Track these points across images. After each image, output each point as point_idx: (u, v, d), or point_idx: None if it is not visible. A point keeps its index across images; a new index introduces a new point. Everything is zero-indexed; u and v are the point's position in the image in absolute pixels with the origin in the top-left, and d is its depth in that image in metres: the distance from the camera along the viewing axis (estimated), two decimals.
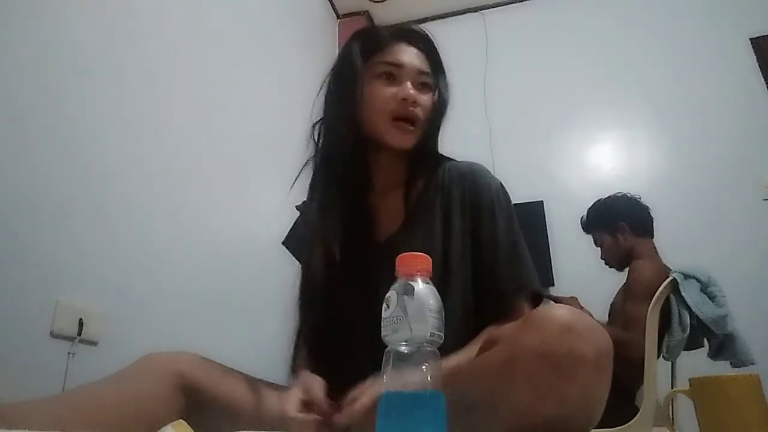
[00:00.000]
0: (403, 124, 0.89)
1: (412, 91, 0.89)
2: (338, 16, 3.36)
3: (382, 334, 0.54)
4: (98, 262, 1.31)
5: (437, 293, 0.55)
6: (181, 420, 0.56)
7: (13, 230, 1.11)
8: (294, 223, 1.06)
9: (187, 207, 1.69)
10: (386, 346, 0.53)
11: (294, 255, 1.03)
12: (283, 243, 1.05)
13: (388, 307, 0.54)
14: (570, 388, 0.55)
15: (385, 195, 0.96)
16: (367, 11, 3.34)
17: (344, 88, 0.92)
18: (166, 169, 1.61)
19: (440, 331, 0.53)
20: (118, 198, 1.41)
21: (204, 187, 1.79)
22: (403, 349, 0.52)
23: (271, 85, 2.38)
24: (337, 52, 3.47)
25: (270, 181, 2.24)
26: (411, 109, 0.89)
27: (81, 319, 1.21)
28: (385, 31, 0.97)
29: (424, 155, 0.96)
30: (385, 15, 3.38)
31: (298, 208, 1.05)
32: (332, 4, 3.28)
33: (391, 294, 0.55)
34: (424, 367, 0.51)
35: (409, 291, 0.54)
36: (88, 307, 1.24)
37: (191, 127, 1.76)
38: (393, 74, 0.91)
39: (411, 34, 0.96)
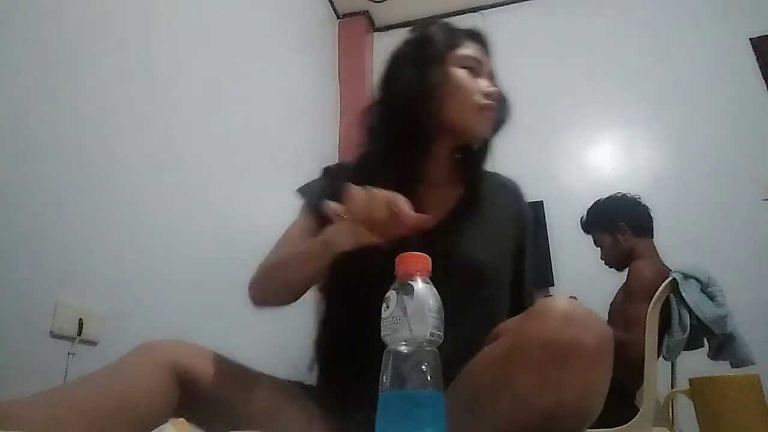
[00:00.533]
0: (488, 113, 0.92)
1: (494, 88, 0.92)
2: (338, 17, 3.36)
3: (382, 334, 0.54)
4: (98, 262, 1.31)
5: (436, 292, 0.55)
6: (182, 419, 0.56)
7: (13, 230, 1.11)
8: (321, 181, 0.99)
9: (188, 206, 1.69)
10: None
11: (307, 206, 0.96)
12: (300, 191, 0.99)
13: (387, 307, 0.54)
14: (571, 375, 0.56)
15: (431, 189, 0.94)
16: (367, 11, 3.34)
17: (428, 71, 0.91)
18: (167, 168, 1.61)
19: (440, 331, 0.53)
20: (119, 198, 1.41)
21: (205, 186, 1.79)
22: (403, 349, 0.52)
23: (271, 85, 2.38)
24: (337, 52, 3.50)
25: (270, 180, 2.25)
26: (493, 103, 0.92)
27: (81, 319, 1.21)
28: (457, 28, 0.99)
29: (479, 155, 0.98)
30: (385, 15, 3.38)
31: (327, 170, 1.00)
32: (332, 5, 3.28)
33: (391, 294, 0.55)
34: (423, 367, 0.51)
35: (409, 291, 0.54)
36: (88, 307, 1.24)
37: (191, 127, 1.77)
38: (476, 69, 0.93)
39: (482, 38, 0.99)
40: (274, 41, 2.51)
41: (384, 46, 3.41)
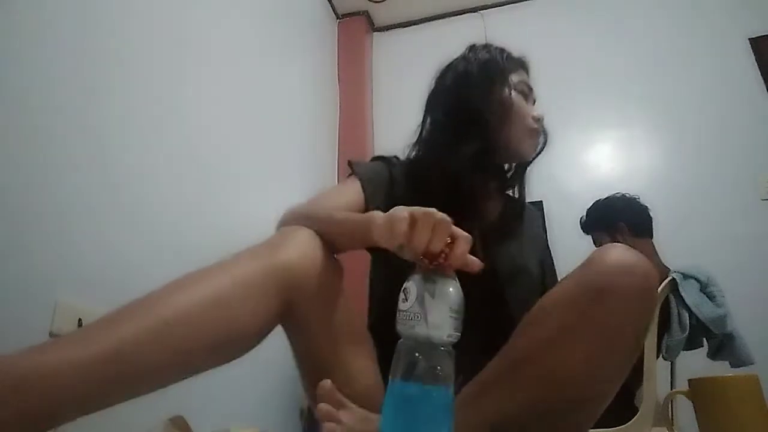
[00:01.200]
0: (537, 138, 1.01)
1: (542, 114, 1.00)
2: (338, 17, 3.35)
3: (397, 326, 0.52)
4: (98, 262, 1.30)
5: (459, 287, 0.54)
6: (180, 415, 0.56)
7: (14, 230, 1.10)
8: (377, 165, 0.99)
9: (190, 207, 1.69)
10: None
11: (360, 178, 0.95)
12: (353, 163, 0.99)
13: (405, 299, 0.52)
14: (626, 294, 0.64)
15: (480, 200, 1.00)
16: (367, 11, 3.34)
17: (496, 92, 0.98)
18: (168, 169, 1.61)
19: (458, 332, 0.52)
20: (120, 198, 1.41)
21: (206, 187, 1.79)
22: (418, 346, 0.51)
23: (269, 85, 2.38)
24: (336, 52, 3.48)
25: (271, 180, 2.24)
26: (541, 128, 1.01)
27: (80, 320, 1.21)
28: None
29: (519, 175, 1.07)
30: (385, 15, 3.38)
31: (382, 157, 1.02)
32: (332, 5, 3.28)
33: (410, 285, 0.52)
34: (438, 368, 0.49)
35: (430, 286, 0.51)
36: (88, 307, 1.24)
37: (191, 128, 1.76)
38: (527, 95, 1.01)
39: (529, 66, 1.07)
40: (273, 41, 2.51)
41: (384, 46, 3.41)
